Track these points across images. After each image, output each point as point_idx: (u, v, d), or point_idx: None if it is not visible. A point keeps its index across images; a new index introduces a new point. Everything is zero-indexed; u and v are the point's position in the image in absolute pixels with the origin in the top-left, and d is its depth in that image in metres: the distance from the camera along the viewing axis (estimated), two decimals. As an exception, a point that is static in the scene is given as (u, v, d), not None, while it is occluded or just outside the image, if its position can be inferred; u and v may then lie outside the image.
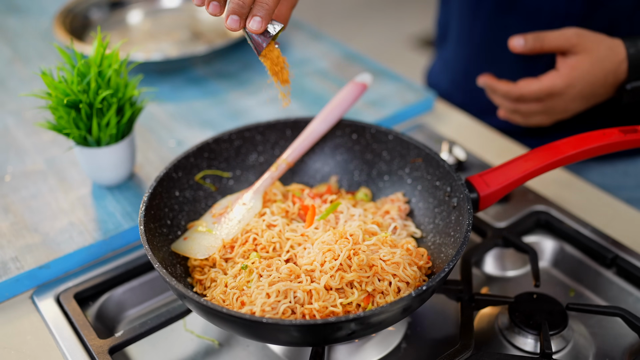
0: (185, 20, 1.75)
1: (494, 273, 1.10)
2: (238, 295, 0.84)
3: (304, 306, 0.82)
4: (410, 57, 3.91)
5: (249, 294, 0.84)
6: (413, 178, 1.06)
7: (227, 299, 0.85)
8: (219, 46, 1.48)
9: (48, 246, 1.04)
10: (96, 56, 1.03)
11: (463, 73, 1.48)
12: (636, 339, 0.97)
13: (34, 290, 1.01)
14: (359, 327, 0.77)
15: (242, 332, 0.79)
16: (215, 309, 0.76)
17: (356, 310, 0.83)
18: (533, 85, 1.16)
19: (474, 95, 1.43)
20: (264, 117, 1.36)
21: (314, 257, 0.86)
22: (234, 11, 0.80)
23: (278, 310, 0.81)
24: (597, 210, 1.15)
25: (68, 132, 1.03)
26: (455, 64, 1.51)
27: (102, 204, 1.12)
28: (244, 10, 0.81)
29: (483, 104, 1.39)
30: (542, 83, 1.15)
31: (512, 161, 0.98)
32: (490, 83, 1.23)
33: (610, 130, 0.99)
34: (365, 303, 0.84)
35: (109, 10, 1.74)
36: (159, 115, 1.37)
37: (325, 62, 1.57)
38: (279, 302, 0.81)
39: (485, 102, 1.35)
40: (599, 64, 1.13)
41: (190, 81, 1.50)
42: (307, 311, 0.81)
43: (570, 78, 1.14)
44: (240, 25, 0.81)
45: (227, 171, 1.08)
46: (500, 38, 1.33)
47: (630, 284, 1.03)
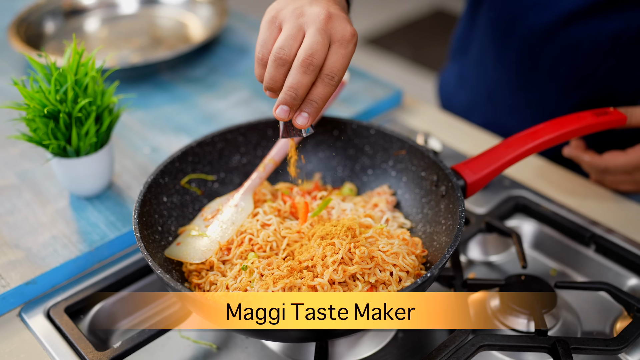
0: (143, 26, 1.72)
1: (477, 258, 1.13)
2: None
3: (310, 302, 0.82)
4: (356, 57, 3.95)
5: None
6: (397, 170, 1.07)
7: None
8: (185, 50, 1.47)
9: (32, 261, 1.01)
10: (72, 64, 1.01)
11: (485, 94, 1.44)
12: (619, 311, 1.02)
13: (21, 307, 0.98)
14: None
15: (252, 332, 0.79)
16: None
17: (361, 302, 0.84)
18: (619, 159, 1.12)
19: (496, 119, 1.41)
20: (237, 119, 1.36)
21: (314, 252, 0.87)
22: (286, 102, 0.81)
23: (286, 308, 0.81)
24: (570, 191, 1.20)
25: (47, 144, 1.01)
26: (475, 83, 1.47)
27: (83, 215, 1.10)
28: (296, 102, 0.81)
29: (505, 128, 1.37)
30: (629, 157, 1.11)
31: (494, 148, 1.01)
32: (575, 154, 1.19)
33: (584, 113, 1.04)
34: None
35: (64, 18, 1.71)
36: (130, 123, 1.34)
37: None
38: (286, 299, 0.81)
39: (507, 126, 1.33)
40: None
41: (158, 87, 1.48)
42: (313, 306, 0.82)
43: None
44: (288, 117, 0.82)
45: (212, 174, 1.08)
46: (532, 67, 1.30)
47: (609, 259, 1.08)
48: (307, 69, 0.80)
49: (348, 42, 0.83)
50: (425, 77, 3.84)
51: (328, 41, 0.82)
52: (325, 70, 0.82)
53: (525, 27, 1.28)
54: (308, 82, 0.81)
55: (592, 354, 0.90)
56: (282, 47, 0.81)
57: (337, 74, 0.82)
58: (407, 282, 0.87)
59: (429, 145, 1.26)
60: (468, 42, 1.50)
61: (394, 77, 3.60)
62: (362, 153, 1.10)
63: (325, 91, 0.82)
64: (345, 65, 0.83)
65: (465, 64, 1.52)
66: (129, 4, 1.77)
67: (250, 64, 1.57)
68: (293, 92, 0.80)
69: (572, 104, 1.28)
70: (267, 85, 0.83)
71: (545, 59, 1.28)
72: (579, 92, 1.27)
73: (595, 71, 1.23)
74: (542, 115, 1.34)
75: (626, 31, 1.17)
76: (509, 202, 1.16)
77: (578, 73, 1.25)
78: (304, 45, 0.81)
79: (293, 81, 0.80)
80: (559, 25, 1.23)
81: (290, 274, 0.85)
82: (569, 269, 1.11)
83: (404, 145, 1.06)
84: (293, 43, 0.82)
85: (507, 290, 0.99)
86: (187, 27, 1.71)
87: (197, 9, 1.73)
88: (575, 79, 1.26)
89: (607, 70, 1.22)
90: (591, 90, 1.26)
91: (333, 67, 0.82)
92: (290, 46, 0.81)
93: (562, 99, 1.30)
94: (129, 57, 1.57)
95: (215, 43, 1.65)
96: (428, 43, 4.26)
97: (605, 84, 1.24)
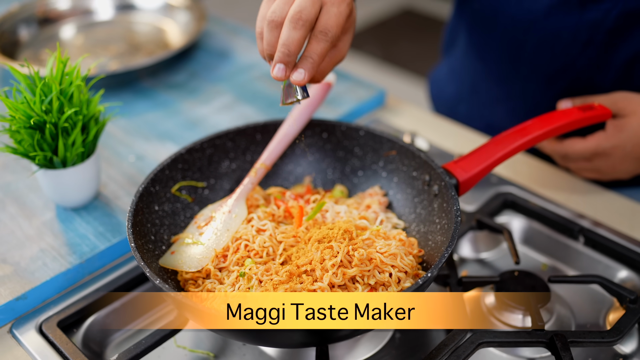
0: (120, 32, 1.70)
1: (469, 256, 1.14)
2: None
3: (311, 306, 0.82)
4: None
5: (253, 301, 0.83)
6: (388, 171, 1.08)
7: (230, 308, 0.84)
8: (167, 56, 1.45)
9: (21, 276, 0.99)
10: (57, 73, 0.99)
11: (470, 86, 1.46)
12: (610, 302, 1.03)
13: (12, 323, 0.96)
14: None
15: (256, 339, 0.79)
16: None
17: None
18: (577, 145, 1.15)
19: (480, 111, 1.43)
20: (221, 124, 1.35)
21: (312, 256, 0.86)
22: (281, 60, 0.83)
23: (287, 313, 0.80)
24: (555, 186, 1.21)
25: (34, 155, 0.99)
26: (462, 74, 1.49)
27: (71, 226, 1.08)
28: (290, 59, 0.83)
29: (488, 119, 1.39)
30: (587, 143, 1.14)
31: (484, 146, 1.02)
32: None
33: (570, 110, 1.05)
34: (370, 296, 0.85)
35: (39, 26, 1.67)
36: (113, 132, 1.32)
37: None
38: (287, 304, 0.81)
39: (491, 118, 1.35)
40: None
41: (139, 94, 1.46)
42: (315, 311, 0.82)
43: (616, 139, 1.11)
44: (286, 75, 0.84)
45: (202, 181, 1.06)
46: (514, 57, 1.32)
47: (598, 252, 1.09)
48: (296, 24, 0.82)
49: (340, 2, 0.86)
50: (395, 76, 3.87)
51: (319, 1, 0.85)
52: (319, 27, 0.85)
53: (507, 18, 1.30)
54: (299, 37, 0.83)
55: (589, 346, 0.91)
56: (274, 10, 0.85)
57: (331, 30, 0.85)
58: (407, 282, 0.87)
59: (416, 145, 1.26)
60: (456, 35, 1.52)
61: (364, 77, 3.61)
62: (351, 155, 1.10)
63: (319, 47, 0.85)
64: (339, 22, 0.86)
65: (455, 57, 1.54)
66: (105, 11, 1.75)
67: (231, 69, 1.56)
68: (285, 48, 0.83)
69: (553, 95, 1.30)
70: (265, 51, 0.86)
71: (527, 50, 1.30)
72: (560, 82, 1.30)
73: (575, 61, 1.26)
74: (524, 106, 1.36)
75: (603, 21, 1.20)
76: (497, 199, 1.17)
77: (558, 63, 1.28)
78: (293, 4, 0.84)
79: (283, 37, 0.83)
80: (540, 15, 1.25)
81: (290, 279, 0.85)
82: (559, 263, 1.12)
83: (394, 146, 1.06)
84: (284, 6, 0.85)
85: (502, 286, 1.00)
86: (165, 33, 1.69)
87: (175, 14, 1.71)
88: (556, 69, 1.29)
89: (586, 60, 1.25)
90: (572, 80, 1.28)
91: (326, 24, 0.85)
92: (281, 9, 0.85)
93: (543, 89, 1.32)
94: (108, 65, 1.55)
95: (194, 48, 1.64)
96: (397, 42, 4.29)
97: (585, 75, 1.27)
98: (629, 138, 1.11)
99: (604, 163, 1.15)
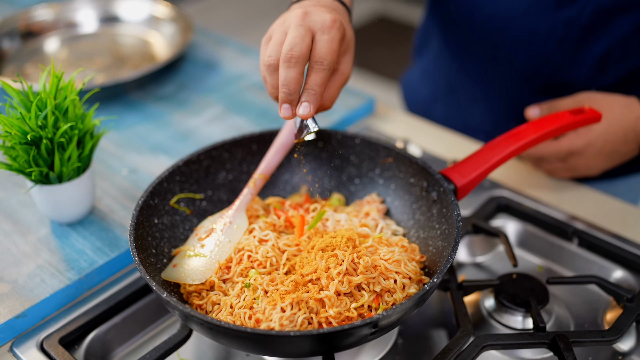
0: (105, 45, 1.69)
1: (465, 260, 1.15)
2: (250, 314, 0.83)
3: (319, 315, 0.82)
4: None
5: (260, 311, 0.83)
6: (385, 178, 1.08)
7: (237, 320, 0.84)
8: (155, 68, 1.44)
9: (20, 294, 0.98)
10: (51, 88, 0.98)
11: (446, 86, 1.48)
12: (607, 302, 1.05)
13: (12, 341, 0.95)
14: (384, 326, 0.79)
15: (265, 349, 0.79)
16: (246, 331, 0.74)
17: (368, 312, 0.85)
18: (551, 146, 1.18)
19: (457, 110, 1.45)
20: (213, 135, 1.35)
21: (316, 265, 0.87)
22: (284, 100, 0.86)
23: (296, 323, 0.81)
24: (547, 189, 1.23)
25: (30, 171, 0.98)
26: (436, 75, 1.51)
27: (68, 242, 1.07)
28: (292, 97, 0.85)
29: (465, 118, 1.41)
30: (560, 144, 1.18)
31: (480, 151, 1.03)
32: None
33: (562, 113, 1.07)
34: (376, 303, 0.85)
35: (22, 40, 1.66)
36: (104, 145, 1.31)
37: (260, 75, 1.57)
38: (295, 314, 0.81)
39: (468, 117, 1.38)
40: (615, 123, 1.16)
41: (128, 107, 1.45)
42: (322, 319, 0.82)
43: (587, 137, 1.16)
44: (292, 113, 0.86)
45: (199, 192, 1.06)
46: (490, 56, 1.34)
47: (592, 253, 1.11)
48: (289, 62, 0.85)
49: (330, 28, 0.88)
50: (370, 82, 3.89)
51: (309, 34, 0.87)
52: (314, 57, 0.87)
53: (483, 17, 1.33)
54: (295, 74, 0.85)
55: (590, 345, 0.93)
56: (270, 54, 0.87)
57: (326, 58, 0.87)
58: (412, 288, 0.88)
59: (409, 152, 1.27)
60: (429, 37, 1.55)
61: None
62: (348, 163, 1.11)
63: (318, 77, 0.87)
64: (332, 49, 0.88)
65: (427, 59, 1.56)
66: (89, 23, 1.74)
67: (219, 80, 1.55)
68: (286, 88, 0.85)
69: (530, 92, 1.32)
70: (272, 95, 0.89)
71: (504, 48, 1.33)
72: (536, 79, 1.33)
73: (550, 58, 1.29)
74: (501, 104, 1.39)
75: (578, 18, 1.23)
76: (491, 203, 1.19)
77: (534, 60, 1.31)
78: (284, 44, 0.86)
79: (281, 78, 0.85)
80: (517, 14, 1.28)
81: (296, 288, 0.85)
82: (554, 264, 1.14)
83: (390, 153, 1.07)
84: (277, 47, 0.87)
85: (501, 289, 1.01)
86: (150, 45, 1.68)
87: (160, 26, 1.70)
88: (532, 66, 1.32)
89: (561, 57, 1.28)
90: (547, 77, 1.31)
91: (320, 53, 0.87)
92: (276, 51, 0.87)
93: (520, 86, 1.35)
94: (94, 78, 1.53)
95: (181, 60, 1.63)
96: (372, 48, 4.32)
97: (560, 71, 1.30)
98: (599, 135, 1.16)
99: (578, 161, 1.19)
